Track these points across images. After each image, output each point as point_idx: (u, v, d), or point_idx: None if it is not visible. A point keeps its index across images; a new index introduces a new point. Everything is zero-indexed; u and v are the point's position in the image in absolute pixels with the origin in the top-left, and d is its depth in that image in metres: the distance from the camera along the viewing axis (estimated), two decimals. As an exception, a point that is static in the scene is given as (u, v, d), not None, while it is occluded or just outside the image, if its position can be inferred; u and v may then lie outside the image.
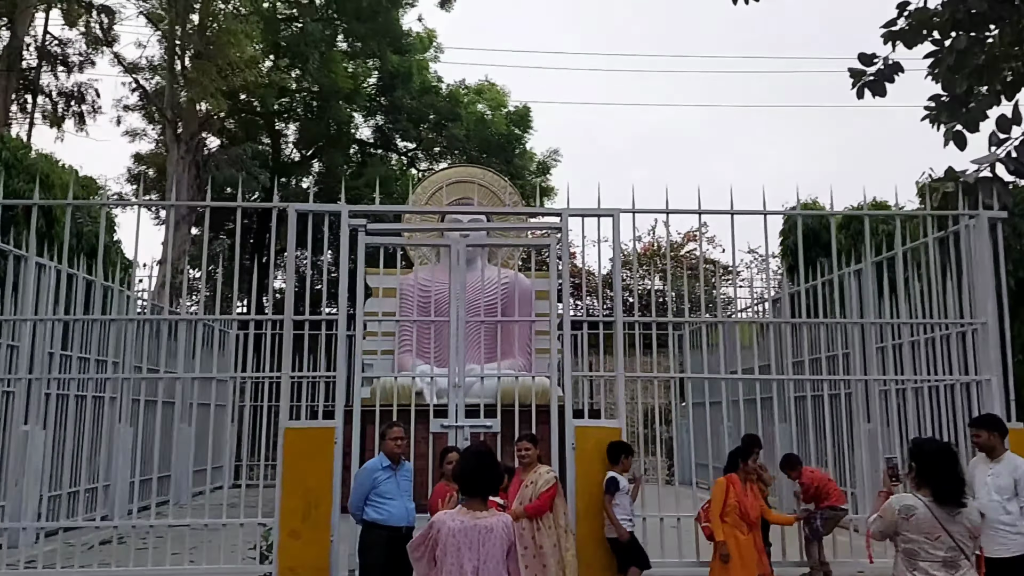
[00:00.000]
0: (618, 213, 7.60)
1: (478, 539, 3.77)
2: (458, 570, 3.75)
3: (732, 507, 6.70)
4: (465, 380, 7.47)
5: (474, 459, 4.06)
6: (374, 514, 6.05)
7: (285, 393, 7.23)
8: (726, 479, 6.82)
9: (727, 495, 6.73)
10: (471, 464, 4.04)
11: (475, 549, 3.76)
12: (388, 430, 6.25)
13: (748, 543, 6.63)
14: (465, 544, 3.74)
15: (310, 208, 7.56)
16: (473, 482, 3.97)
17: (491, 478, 4.04)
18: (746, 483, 6.82)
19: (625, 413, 7.36)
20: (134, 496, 7.46)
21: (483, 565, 3.79)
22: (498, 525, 3.86)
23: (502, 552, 3.85)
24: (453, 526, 3.79)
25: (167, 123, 19.47)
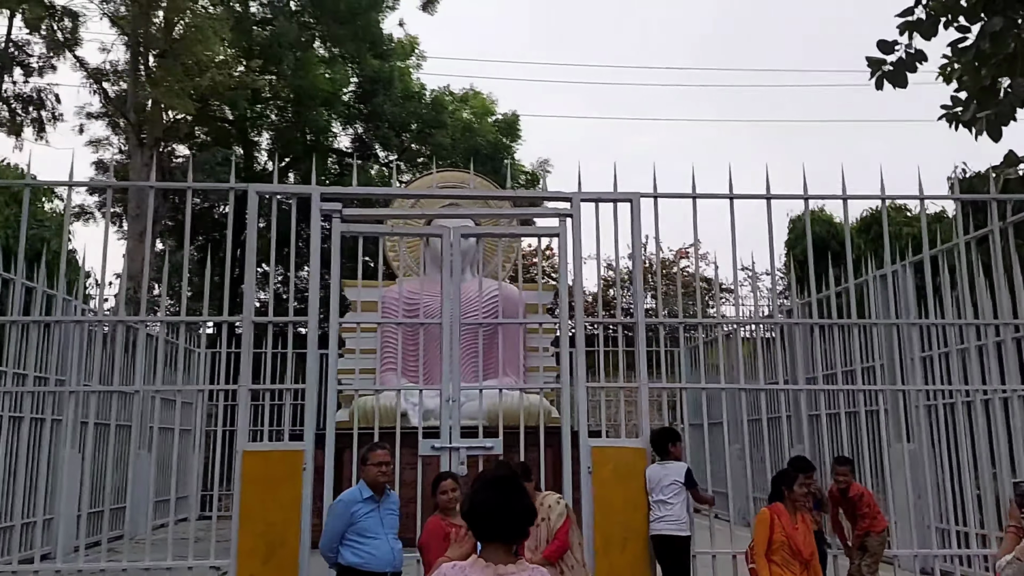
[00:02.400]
0: (638, 198, 6.56)
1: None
2: None
3: (780, 543, 5.60)
4: (460, 396, 6.34)
5: (494, 489, 2.70)
6: (352, 557, 4.89)
7: (244, 408, 6.07)
8: (769, 510, 5.73)
9: (772, 530, 5.63)
10: (490, 496, 2.68)
11: None
12: (369, 453, 5.07)
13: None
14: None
15: (274, 190, 6.45)
16: (494, 522, 2.64)
17: (519, 515, 2.67)
18: (796, 514, 5.74)
19: (649, 431, 6.27)
20: (80, 532, 6.24)
21: None
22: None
23: None
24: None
25: (130, 128, 18.27)
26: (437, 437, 6.27)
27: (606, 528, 5.96)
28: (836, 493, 6.53)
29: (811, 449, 8.08)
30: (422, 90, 22.74)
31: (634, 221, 6.52)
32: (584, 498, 5.99)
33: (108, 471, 9.94)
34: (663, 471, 6.15)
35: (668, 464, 6.16)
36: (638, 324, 6.42)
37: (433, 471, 6.18)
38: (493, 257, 14.36)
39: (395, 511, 5.17)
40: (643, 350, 6.34)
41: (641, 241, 6.50)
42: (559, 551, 4.83)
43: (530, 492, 5.09)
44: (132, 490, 12.14)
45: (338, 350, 11.10)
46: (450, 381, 6.29)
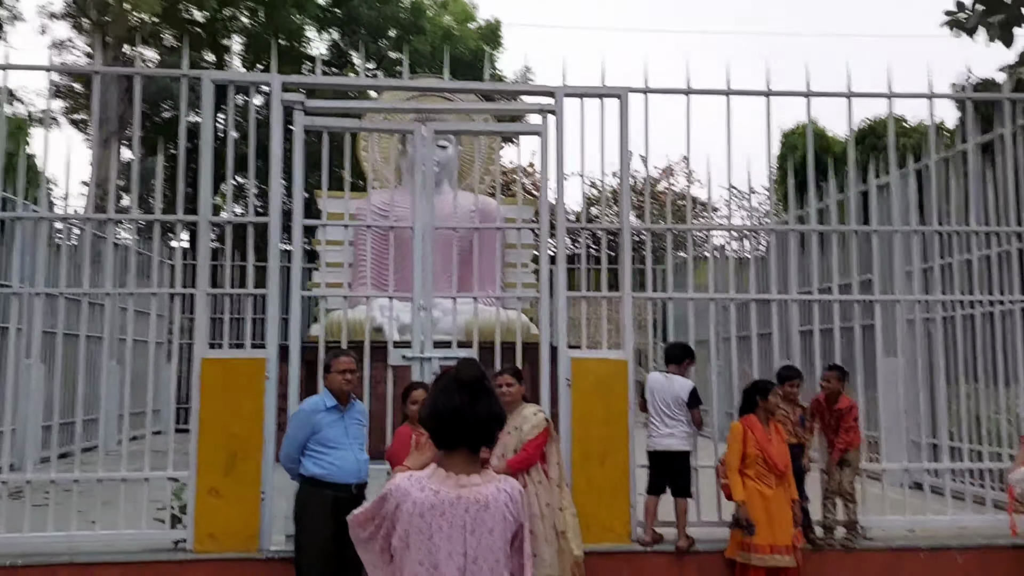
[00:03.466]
0: (626, 93, 6.06)
1: (465, 520, 2.27)
2: (430, 571, 2.25)
3: (754, 457, 5.38)
4: (432, 305, 5.96)
5: (456, 389, 2.37)
6: (315, 468, 4.62)
7: (201, 313, 5.67)
8: (742, 423, 5.49)
9: (745, 443, 5.41)
10: (454, 399, 2.35)
11: (459, 537, 2.26)
12: (333, 360, 4.75)
13: (779, 498, 5.34)
14: (442, 529, 2.26)
15: (230, 77, 5.90)
16: (457, 427, 2.33)
17: (484, 420, 2.36)
18: (769, 424, 5.50)
19: (632, 343, 5.94)
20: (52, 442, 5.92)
21: (473, 564, 2.26)
22: (498, 498, 2.31)
23: (504, 540, 2.31)
24: (422, 500, 2.27)
25: (94, 28, 17.27)
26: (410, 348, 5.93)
27: (585, 442, 5.69)
28: (823, 401, 6.22)
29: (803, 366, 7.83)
30: (400, -6, 21.67)
31: (623, 117, 6.03)
32: (562, 411, 5.71)
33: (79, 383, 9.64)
34: (667, 383, 5.85)
35: (673, 378, 5.86)
36: (623, 230, 6.02)
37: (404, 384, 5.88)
38: (471, 171, 13.84)
39: (361, 421, 4.88)
40: (628, 258, 5.96)
41: (628, 139, 6.03)
42: (524, 462, 4.55)
43: (515, 395, 4.79)
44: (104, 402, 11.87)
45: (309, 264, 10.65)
46: (422, 289, 5.91)
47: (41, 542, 5.36)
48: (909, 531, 6.24)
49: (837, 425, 6.14)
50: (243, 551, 5.37)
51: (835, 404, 6.16)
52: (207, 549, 5.35)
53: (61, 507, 5.52)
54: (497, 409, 2.40)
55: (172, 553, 5.38)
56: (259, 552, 5.37)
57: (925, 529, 6.26)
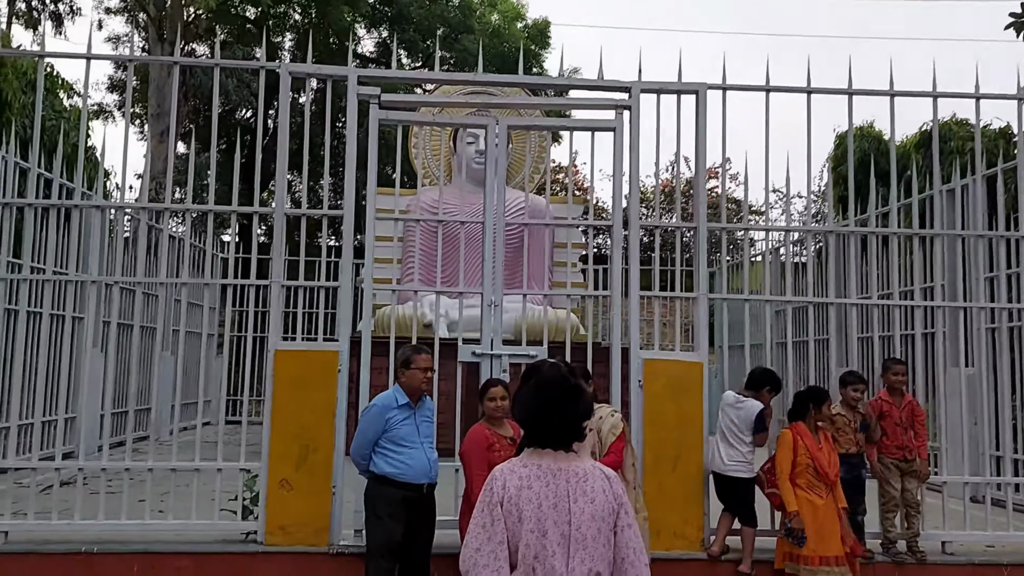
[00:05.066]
0: (704, 88, 5.95)
1: (567, 489, 2.36)
2: (538, 540, 2.32)
3: (804, 465, 5.24)
4: (502, 300, 5.90)
5: (549, 387, 2.49)
6: (386, 466, 4.52)
7: (276, 305, 5.67)
8: (792, 430, 5.35)
9: (795, 451, 5.27)
10: (544, 396, 2.46)
11: (563, 505, 2.34)
12: (414, 356, 4.62)
13: (828, 508, 5.19)
14: (548, 497, 2.34)
15: (307, 70, 5.89)
16: (547, 425, 2.42)
17: (574, 418, 2.46)
18: (818, 432, 5.36)
19: (707, 345, 5.83)
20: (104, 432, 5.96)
21: (576, 531, 2.32)
22: (595, 473, 2.41)
23: (605, 512, 2.36)
24: (526, 473, 2.38)
25: (150, 23, 17.52)
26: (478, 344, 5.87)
27: (657, 446, 5.59)
28: (887, 399, 5.96)
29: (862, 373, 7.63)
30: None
31: (699, 114, 5.93)
32: (634, 413, 5.61)
33: (132, 372, 9.75)
34: (740, 406, 5.67)
35: (746, 401, 5.68)
36: (699, 228, 5.92)
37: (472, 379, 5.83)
38: (520, 169, 13.79)
39: (431, 419, 4.79)
40: (703, 257, 5.85)
41: (705, 136, 5.92)
42: (613, 466, 4.46)
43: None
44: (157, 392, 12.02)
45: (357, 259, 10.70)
46: (491, 285, 5.85)
47: (115, 530, 5.40)
48: (988, 547, 6.05)
49: (910, 423, 5.93)
50: (313, 545, 5.36)
51: (903, 402, 5.96)
52: (277, 542, 5.35)
53: (122, 495, 5.53)
54: (585, 407, 2.49)
55: (243, 545, 5.39)
56: (329, 547, 5.35)
57: (1007, 544, 6.05)
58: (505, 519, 2.33)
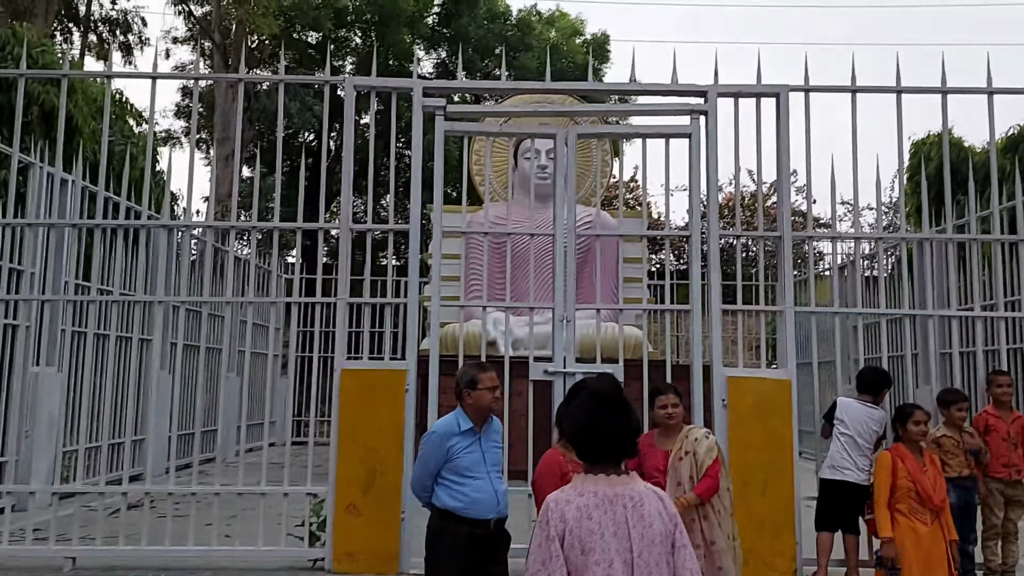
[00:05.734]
0: (786, 91, 5.63)
1: (625, 516, 2.26)
2: (605, 572, 2.22)
3: (905, 489, 4.78)
4: (575, 316, 5.63)
5: (596, 404, 2.39)
6: (449, 500, 3.97)
7: (342, 323, 5.51)
8: (891, 452, 4.91)
9: (895, 474, 4.82)
10: (592, 412, 2.37)
11: (623, 533, 2.25)
12: (480, 374, 4.07)
13: (934, 537, 4.72)
14: (609, 526, 2.25)
15: (372, 83, 5.76)
16: (597, 441, 2.33)
17: (624, 433, 2.35)
18: (923, 454, 4.90)
19: (795, 362, 5.46)
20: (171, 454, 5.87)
21: (639, 558, 2.23)
22: (648, 495, 2.31)
23: (663, 536, 2.27)
24: (584, 503, 2.27)
25: (215, 50, 17.88)
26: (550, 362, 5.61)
27: (744, 469, 5.22)
28: (994, 413, 5.53)
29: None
30: (507, 11, 21.64)
31: (780, 118, 5.60)
32: (718, 435, 5.26)
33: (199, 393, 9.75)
34: (868, 414, 5.31)
35: (875, 410, 5.33)
36: (783, 238, 5.57)
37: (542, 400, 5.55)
38: (582, 184, 13.54)
39: (499, 444, 4.24)
40: (788, 268, 5.50)
41: (788, 141, 5.59)
42: (712, 490, 4.13)
43: (680, 416, 4.39)
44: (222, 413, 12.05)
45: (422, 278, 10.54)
46: (564, 300, 5.59)
47: (182, 556, 5.28)
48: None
49: (1020, 439, 5.46)
50: (382, 573, 5.14)
51: (1011, 415, 5.51)
52: (345, 569, 5.16)
53: (189, 519, 5.40)
54: (635, 423, 2.39)
55: (310, 572, 5.21)
56: (399, 575, 5.13)
57: None
58: (567, 553, 2.23)
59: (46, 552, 5.23)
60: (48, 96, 9.11)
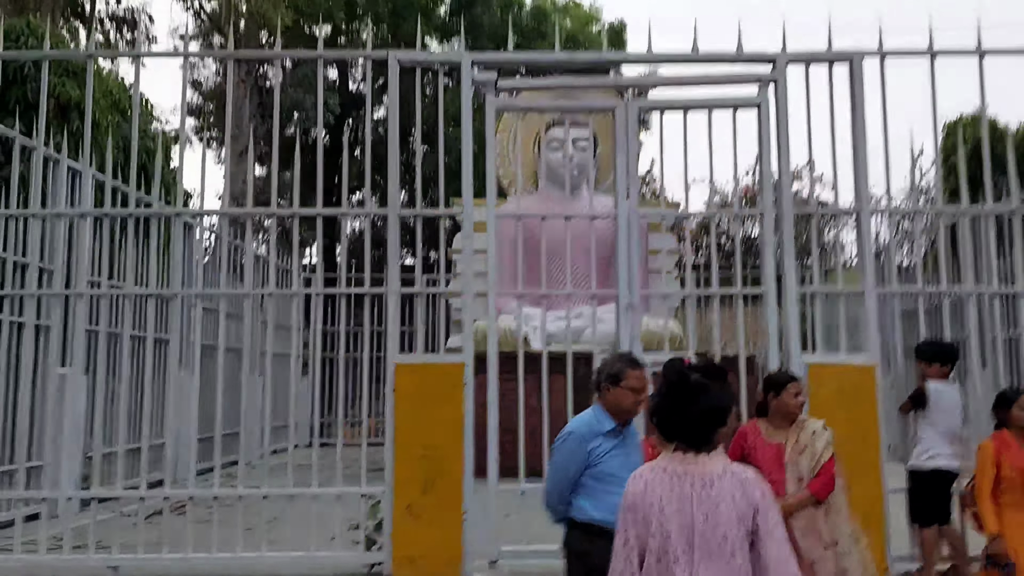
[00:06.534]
0: (859, 57, 5.28)
1: (691, 494, 2.24)
2: (661, 545, 2.23)
3: (1010, 480, 4.43)
4: (636, 302, 5.29)
5: (668, 383, 2.43)
6: (594, 511, 3.30)
7: (393, 314, 5.18)
8: (992, 440, 4.55)
9: (999, 463, 4.47)
10: (665, 396, 2.40)
11: (687, 510, 2.23)
12: (628, 370, 3.36)
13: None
14: (672, 502, 2.24)
15: (417, 57, 5.43)
16: (670, 423, 2.36)
17: (695, 416, 2.32)
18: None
19: (879, 346, 5.12)
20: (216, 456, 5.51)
21: (700, 537, 2.19)
22: (723, 476, 2.26)
23: (734, 518, 2.19)
24: (652, 477, 2.32)
25: (225, 41, 17.55)
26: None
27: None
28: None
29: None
30: (521, 0, 21.28)
31: (854, 85, 5.25)
32: (797, 425, 4.92)
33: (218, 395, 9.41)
34: (955, 394, 5.00)
35: (955, 388, 5.00)
36: (862, 213, 5.22)
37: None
38: (609, 174, 13.25)
39: (640, 445, 3.60)
40: (870, 246, 5.16)
41: (863, 109, 5.24)
42: (828, 487, 3.80)
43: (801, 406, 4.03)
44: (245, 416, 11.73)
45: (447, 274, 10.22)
46: (628, 286, 5.26)
47: (230, 563, 4.95)
48: None
49: None
50: (444, 578, 4.81)
51: None
52: (406, 575, 4.82)
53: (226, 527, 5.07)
54: (708, 406, 2.34)
55: (369, 579, 4.88)
56: (463, 580, 4.80)
57: None
58: (635, 524, 2.29)
59: (87, 561, 4.91)
60: (64, 88, 8.79)
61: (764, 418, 4.04)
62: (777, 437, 3.94)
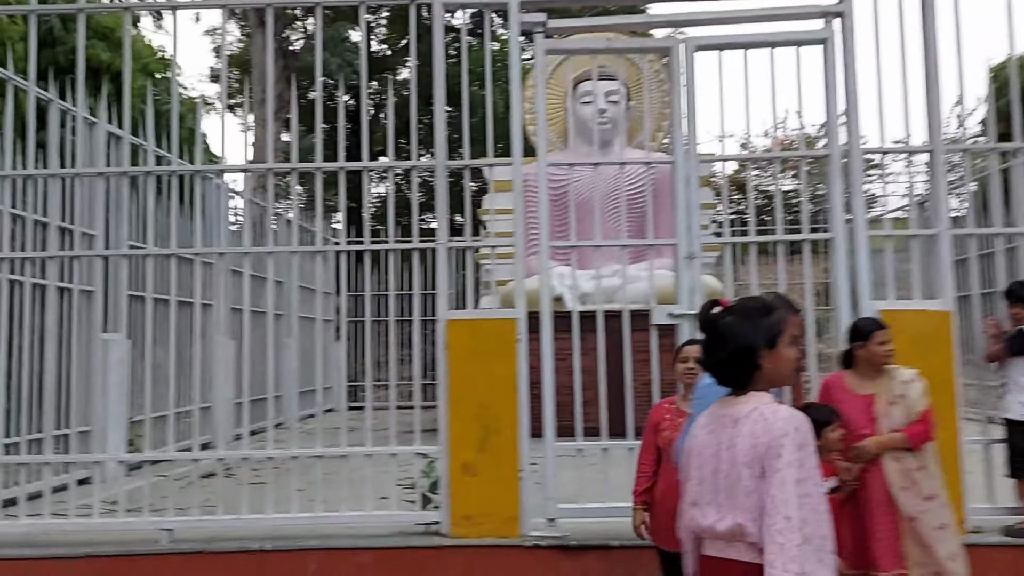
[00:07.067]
0: (935, -15, 4.96)
1: (721, 437, 2.16)
2: (696, 490, 2.21)
3: None
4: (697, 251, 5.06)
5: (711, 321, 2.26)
6: None
7: (443, 269, 5.01)
8: None
9: None
10: (710, 329, 2.26)
11: (721, 455, 2.14)
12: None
13: None
14: (709, 446, 2.18)
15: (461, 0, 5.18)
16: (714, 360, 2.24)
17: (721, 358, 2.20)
18: None
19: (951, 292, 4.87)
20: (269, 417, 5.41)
21: (724, 480, 2.11)
22: (751, 415, 2.10)
23: (746, 458, 2.06)
24: (698, 423, 2.30)
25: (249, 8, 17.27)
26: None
27: (902, 413, 4.67)
28: None
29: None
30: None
31: (927, 14, 4.95)
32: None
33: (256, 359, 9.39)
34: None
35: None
36: (935, 152, 4.94)
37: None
38: (642, 129, 12.92)
39: None
40: (943, 187, 4.88)
41: (936, 38, 4.93)
42: (922, 436, 3.61)
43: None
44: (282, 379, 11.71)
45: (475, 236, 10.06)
46: (687, 235, 5.03)
47: (285, 524, 4.87)
48: None
49: None
50: (503, 536, 4.70)
51: None
52: (464, 533, 4.71)
53: (294, 486, 4.98)
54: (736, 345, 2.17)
55: (427, 538, 4.77)
56: (522, 538, 4.68)
57: None
58: (687, 471, 2.28)
59: (141, 524, 4.85)
60: (94, 50, 8.65)
61: (850, 369, 3.84)
62: (865, 388, 3.74)
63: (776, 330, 2.17)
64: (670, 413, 3.64)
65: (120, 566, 4.65)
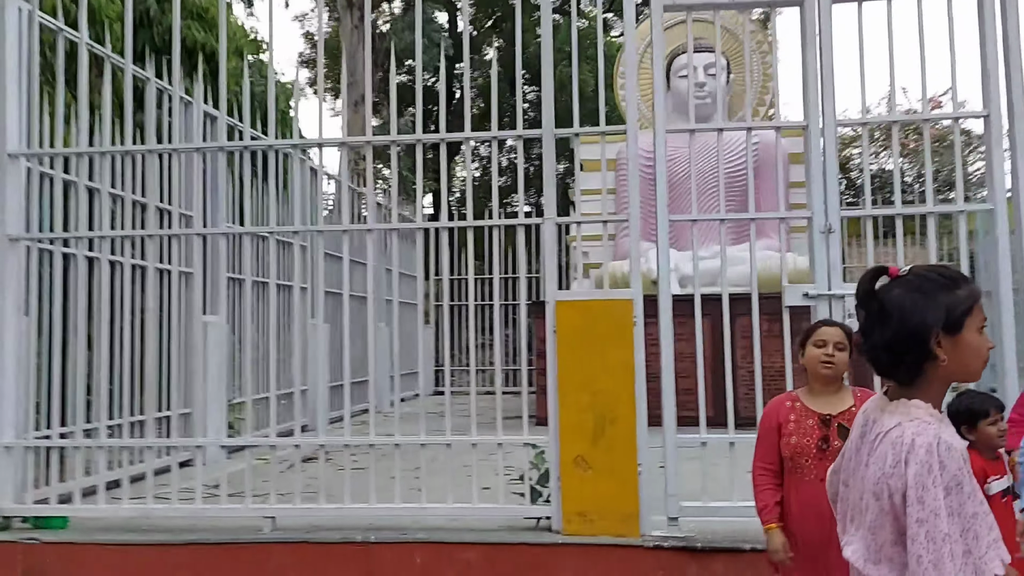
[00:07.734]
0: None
1: (860, 445, 1.77)
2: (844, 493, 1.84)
3: None
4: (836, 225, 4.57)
5: (871, 295, 1.77)
6: None
7: (551, 247, 4.68)
8: None
9: None
10: (868, 304, 1.77)
11: (855, 456, 1.79)
12: None
13: None
14: (860, 449, 1.77)
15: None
16: (870, 345, 1.78)
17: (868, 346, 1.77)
18: None
19: None
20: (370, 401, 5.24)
21: (859, 499, 1.72)
22: (891, 434, 1.66)
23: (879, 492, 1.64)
24: (856, 422, 1.85)
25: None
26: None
27: None
28: None
29: None
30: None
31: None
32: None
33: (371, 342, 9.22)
34: None
35: None
36: (991, 117, 4.31)
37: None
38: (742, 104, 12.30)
39: None
40: (999, 153, 4.26)
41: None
42: None
43: None
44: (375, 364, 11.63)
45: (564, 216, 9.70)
46: (826, 205, 4.55)
47: (389, 515, 4.65)
48: None
49: None
50: (621, 535, 4.35)
51: None
52: (577, 531, 4.39)
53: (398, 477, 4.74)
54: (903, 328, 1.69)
55: (538, 534, 4.47)
56: (642, 538, 4.32)
57: None
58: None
59: (243, 511, 4.71)
60: (190, 32, 8.64)
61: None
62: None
63: (962, 309, 1.68)
64: (794, 413, 3.16)
65: (223, 554, 4.52)
